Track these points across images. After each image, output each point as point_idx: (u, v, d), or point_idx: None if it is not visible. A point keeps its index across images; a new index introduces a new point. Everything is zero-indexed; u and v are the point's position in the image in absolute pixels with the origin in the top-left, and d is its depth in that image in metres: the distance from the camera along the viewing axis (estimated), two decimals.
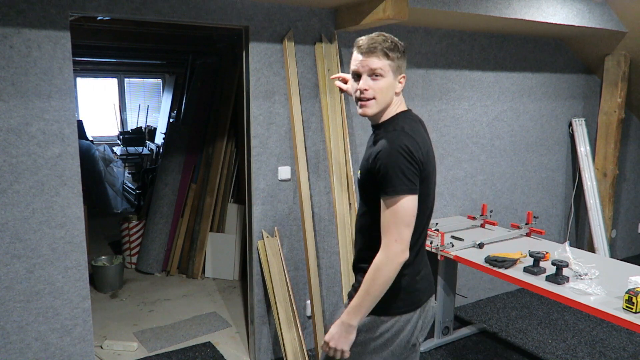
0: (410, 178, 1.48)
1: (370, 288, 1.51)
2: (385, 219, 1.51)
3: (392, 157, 1.49)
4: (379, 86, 1.56)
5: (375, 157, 1.53)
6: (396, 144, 1.50)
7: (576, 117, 4.38)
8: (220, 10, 2.63)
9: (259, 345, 3.07)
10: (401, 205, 1.48)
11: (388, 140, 1.52)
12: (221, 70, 4.67)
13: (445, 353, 3.24)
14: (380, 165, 1.50)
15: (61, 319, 2.44)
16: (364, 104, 1.59)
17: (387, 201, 1.49)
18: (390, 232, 1.49)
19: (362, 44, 1.56)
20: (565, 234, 4.57)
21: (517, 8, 3.06)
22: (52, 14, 2.24)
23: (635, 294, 2.05)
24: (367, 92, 1.56)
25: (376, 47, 1.54)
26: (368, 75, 1.56)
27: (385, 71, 1.55)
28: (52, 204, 2.34)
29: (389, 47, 1.55)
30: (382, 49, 1.54)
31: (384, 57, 1.54)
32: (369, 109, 1.59)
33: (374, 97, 1.57)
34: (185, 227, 4.54)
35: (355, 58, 1.59)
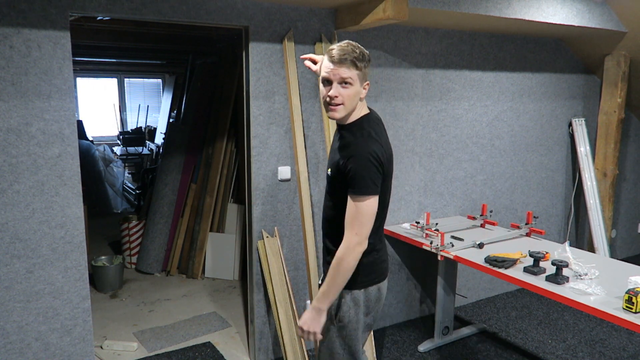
0: (375, 181, 1.72)
1: (335, 277, 1.76)
2: (350, 213, 1.74)
3: (362, 162, 1.72)
4: (347, 93, 1.75)
5: (347, 160, 1.74)
6: (365, 150, 1.73)
7: (576, 117, 4.38)
8: (220, 10, 2.63)
9: (259, 345, 3.07)
10: (364, 204, 1.72)
11: (358, 145, 1.75)
12: (221, 70, 4.67)
13: (445, 353, 3.24)
14: (350, 168, 1.72)
15: (61, 319, 2.44)
16: (333, 109, 1.77)
17: (354, 198, 1.72)
18: (353, 225, 1.74)
19: (334, 54, 1.72)
20: (565, 234, 4.57)
21: (517, 8, 3.06)
22: (52, 14, 2.24)
23: (635, 294, 2.05)
24: (337, 98, 1.75)
25: (347, 57, 1.71)
26: (338, 83, 1.73)
27: (353, 80, 1.73)
28: (52, 204, 2.34)
29: (357, 58, 1.72)
30: (351, 60, 1.71)
31: (353, 67, 1.72)
32: (337, 113, 1.78)
33: (342, 102, 1.75)
34: (185, 227, 4.54)
35: (327, 66, 1.75)
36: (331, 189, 1.88)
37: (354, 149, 1.75)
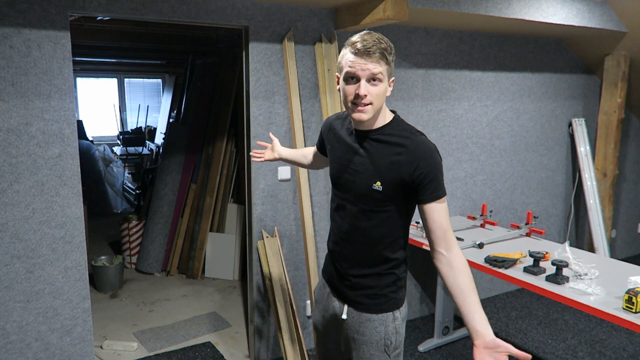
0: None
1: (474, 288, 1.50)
2: (440, 221, 1.52)
3: (435, 163, 1.53)
4: (377, 91, 1.50)
5: (415, 167, 1.51)
6: (432, 151, 1.54)
7: (576, 117, 4.38)
8: (220, 10, 2.63)
9: (259, 345, 3.07)
10: (446, 206, 1.55)
11: (421, 148, 1.53)
12: (221, 70, 4.67)
13: (445, 353, 3.24)
14: (425, 173, 1.50)
15: (61, 319, 2.44)
16: (361, 109, 1.51)
17: (438, 205, 1.52)
18: (450, 231, 1.53)
19: (360, 46, 1.46)
20: (565, 234, 4.57)
21: (517, 8, 3.06)
22: (52, 14, 2.24)
23: (635, 294, 2.05)
24: (365, 98, 1.49)
25: (375, 49, 1.46)
26: (367, 80, 1.48)
27: (383, 76, 1.50)
28: (52, 204, 2.34)
29: (386, 50, 1.48)
30: (381, 52, 1.47)
31: (382, 61, 1.48)
32: (366, 114, 1.52)
33: (371, 102, 1.51)
34: (185, 227, 4.54)
35: (350, 59, 1.49)
36: (378, 206, 1.59)
37: (417, 151, 1.53)
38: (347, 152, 1.66)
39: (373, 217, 1.61)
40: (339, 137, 1.72)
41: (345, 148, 1.67)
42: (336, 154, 1.71)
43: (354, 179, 1.62)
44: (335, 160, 1.71)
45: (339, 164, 1.69)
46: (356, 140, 1.63)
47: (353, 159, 1.63)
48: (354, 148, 1.64)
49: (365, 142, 1.61)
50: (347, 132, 1.69)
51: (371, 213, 1.61)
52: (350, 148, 1.65)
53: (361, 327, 1.66)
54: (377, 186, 1.56)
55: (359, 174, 1.61)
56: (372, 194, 1.58)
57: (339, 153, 1.70)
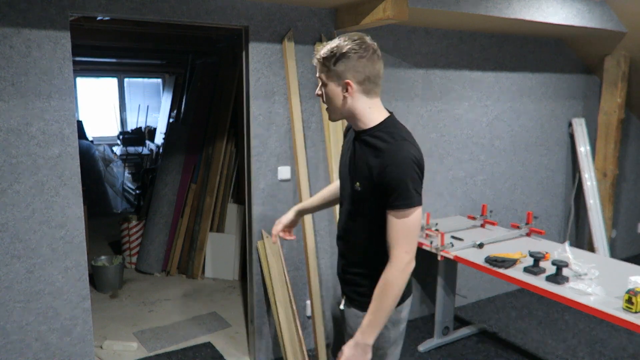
0: (419, 190, 1.51)
1: (384, 303, 1.51)
2: (395, 231, 1.50)
3: (403, 170, 1.48)
4: (325, 93, 1.59)
5: (383, 171, 1.49)
6: (405, 156, 1.49)
7: (576, 117, 4.38)
8: (220, 10, 2.63)
9: (259, 345, 3.07)
10: (412, 218, 1.49)
11: (395, 153, 1.50)
12: (221, 70, 4.67)
13: (445, 353, 3.24)
14: (390, 179, 1.48)
15: (61, 319, 2.44)
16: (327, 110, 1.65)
17: (398, 214, 1.49)
18: (401, 244, 1.50)
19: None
20: (565, 234, 4.57)
21: (517, 8, 3.06)
22: (52, 14, 2.24)
23: (635, 294, 2.05)
24: (321, 97, 1.62)
25: (316, 60, 1.59)
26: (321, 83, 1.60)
27: (324, 79, 1.57)
28: (52, 204, 2.34)
29: (325, 57, 1.55)
30: (318, 59, 1.57)
31: (320, 66, 1.57)
32: (330, 115, 1.65)
33: (326, 104, 1.62)
34: (185, 227, 4.54)
35: None
36: (358, 207, 1.62)
37: (389, 155, 1.50)
38: (346, 152, 1.72)
39: (357, 218, 1.64)
40: (348, 139, 1.76)
41: (346, 149, 1.73)
42: (341, 156, 1.78)
43: (345, 179, 1.68)
44: (340, 161, 1.78)
45: (341, 163, 1.75)
46: (354, 140, 1.66)
47: (346, 160, 1.69)
48: (349, 148, 1.69)
49: (357, 142, 1.63)
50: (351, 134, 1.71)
51: (356, 214, 1.64)
52: (348, 149, 1.71)
53: (350, 321, 1.71)
54: (357, 187, 1.59)
55: (348, 174, 1.66)
56: (354, 194, 1.62)
57: (343, 152, 1.76)
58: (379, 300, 1.51)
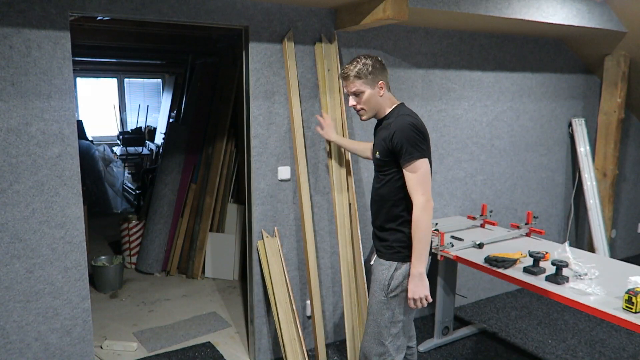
0: (421, 145, 2.01)
1: (421, 238, 2.00)
2: (410, 181, 2.02)
3: (405, 133, 2.01)
4: (363, 100, 2.15)
5: (391, 137, 2.03)
6: (405, 123, 2.02)
7: (576, 117, 4.38)
8: (220, 10, 2.63)
9: (259, 345, 3.07)
10: (419, 167, 2.01)
11: (398, 123, 2.04)
12: (221, 70, 4.67)
13: (445, 353, 3.24)
14: (396, 142, 2.01)
15: (61, 319, 2.44)
16: (359, 114, 2.21)
17: (409, 167, 2.01)
18: (417, 189, 2.01)
19: (341, 73, 2.18)
20: (565, 234, 4.57)
21: (517, 8, 3.06)
22: (52, 14, 2.24)
23: (635, 294, 2.05)
24: (356, 106, 2.18)
25: (349, 74, 2.12)
26: (352, 95, 2.16)
27: (362, 89, 2.13)
28: (52, 204, 2.34)
29: (359, 72, 2.10)
30: (354, 75, 2.11)
31: (357, 80, 2.12)
32: (363, 116, 2.21)
33: (362, 108, 2.17)
34: (185, 227, 4.54)
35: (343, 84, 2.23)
36: (381, 169, 2.16)
37: (394, 126, 2.04)
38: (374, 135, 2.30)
39: (381, 178, 2.17)
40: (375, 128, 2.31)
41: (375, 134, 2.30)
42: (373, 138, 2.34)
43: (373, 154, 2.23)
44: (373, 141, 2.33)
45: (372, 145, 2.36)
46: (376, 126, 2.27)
47: (374, 139, 2.27)
48: (376, 132, 2.27)
49: (379, 126, 2.24)
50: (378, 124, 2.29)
51: (379, 175, 2.19)
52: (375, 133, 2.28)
53: (376, 269, 2.20)
54: (377, 155, 2.16)
55: (374, 147, 2.23)
56: (377, 161, 2.18)
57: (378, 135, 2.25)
58: (414, 235, 2.01)
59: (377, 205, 2.20)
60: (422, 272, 2.01)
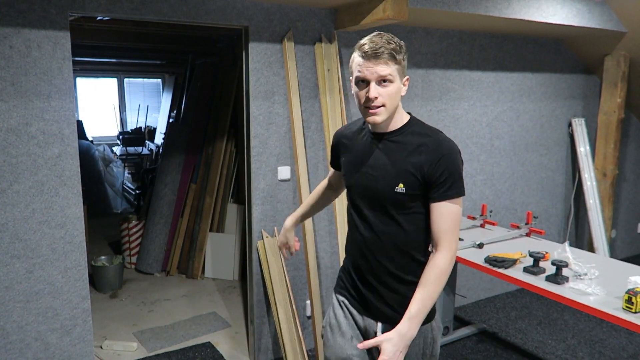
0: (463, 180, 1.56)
1: (437, 290, 1.50)
2: (446, 221, 1.51)
3: (456, 162, 1.52)
4: (388, 92, 1.50)
5: (436, 163, 1.49)
6: (453, 147, 1.53)
7: (576, 117, 4.38)
8: (220, 10, 2.63)
9: (259, 345, 3.07)
10: (459, 207, 1.53)
11: (444, 147, 1.52)
12: (221, 70, 4.67)
13: (445, 353, 3.24)
14: (444, 169, 1.49)
15: (61, 319, 2.44)
16: (373, 112, 1.51)
17: (449, 204, 1.51)
18: (452, 232, 1.52)
19: (367, 49, 1.47)
20: (565, 234, 4.57)
21: (517, 8, 3.06)
22: (52, 14, 2.24)
23: (634, 294, 2.05)
24: (378, 99, 1.49)
25: (383, 51, 1.46)
26: (376, 82, 1.48)
27: (394, 76, 1.49)
28: (52, 204, 2.34)
29: (395, 50, 1.47)
30: (389, 53, 1.46)
31: (391, 62, 1.48)
32: (379, 116, 1.52)
33: (384, 104, 1.50)
34: (185, 227, 4.54)
35: (360, 63, 1.49)
36: (404, 206, 1.56)
37: (439, 148, 1.51)
38: (366, 157, 1.63)
39: (400, 219, 1.58)
40: (353, 145, 1.69)
41: (363, 154, 1.64)
42: (354, 162, 1.66)
43: (376, 184, 1.58)
44: (353, 168, 1.66)
45: (357, 171, 1.64)
46: (375, 143, 1.61)
47: (373, 164, 1.60)
48: (372, 152, 1.61)
49: (383, 144, 1.59)
50: (363, 138, 1.66)
51: (398, 216, 1.57)
52: (368, 153, 1.62)
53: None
54: (400, 188, 1.54)
55: (381, 178, 1.57)
56: (396, 196, 1.55)
57: (356, 161, 1.65)
58: (433, 286, 1.48)
59: (390, 255, 1.60)
60: (414, 334, 1.48)
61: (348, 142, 1.72)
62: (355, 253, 1.68)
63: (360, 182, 1.63)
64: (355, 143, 1.68)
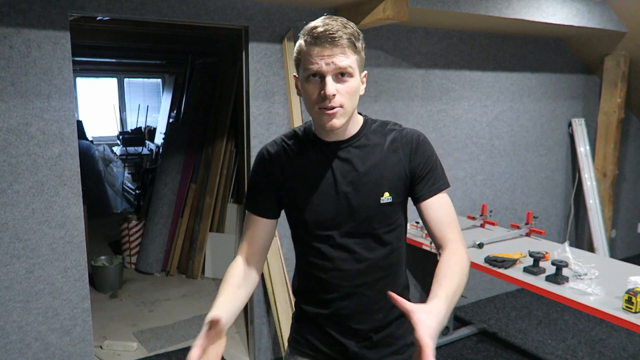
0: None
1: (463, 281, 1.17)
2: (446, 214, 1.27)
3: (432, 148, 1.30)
4: (348, 90, 1.18)
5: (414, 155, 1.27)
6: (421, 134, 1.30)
7: (576, 117, 4.38)
8: (220, 10, 2.63)
9: (259, 345, 3.07)
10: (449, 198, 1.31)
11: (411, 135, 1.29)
12: (221, 70, 4.67)
13: (445, 353, 3.24)
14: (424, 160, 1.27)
15: (61, 319, 2.44)
16: (331, 113, 1.18)
17: (442, 196, 1.28)
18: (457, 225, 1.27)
19: (320, 32, 1.16)
20: (565, 234, 4.57)
21: (517, 8, 3.06)
22: (52, 14, 2.24)
23: (634, 294, 2.05)
24: (335, 98, 1.17)
25: (341, 35, 1.15)
26: (333, 77, 1.17)
27: (353, 69, 1.18)
28: (52, 204, 2.34)
29: (354, 36, 1.18)
30: (348, 39, 1.16)
31: (350, 51, 1.17)
32: (338, 119, 1.19)
33: (342, 104, 1.18)
34: (185, 227, 4.54)
35: (311, 52, 1.17)
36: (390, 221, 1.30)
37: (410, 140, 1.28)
38: (327, 174, 1.28)
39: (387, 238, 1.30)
40: (299, 166, 1.31)
41: (321, 172, 1.28)
42: (313, 187, 1.29)
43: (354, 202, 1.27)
44: (315, 194, 1.29)
45: (322, 195, 1.28)
46: (332, 155, 1.28)
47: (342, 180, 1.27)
48: (334, 166, 1.27)
49: (347, 153, 1.27)
50: (310, 153, 1.30)
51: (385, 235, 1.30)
52: (328, 169, 1.28)
53: None
54: (386, 198, 1.27)
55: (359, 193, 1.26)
56: (383, 209, 1.27)
57: (315, 184, 1.29)
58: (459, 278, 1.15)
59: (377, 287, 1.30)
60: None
61: (288, 164, 1.31)
62: (332, 296, 1.32)
63: (329, 209, 1.28)
64: (301, 163, 1.31)
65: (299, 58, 1.22)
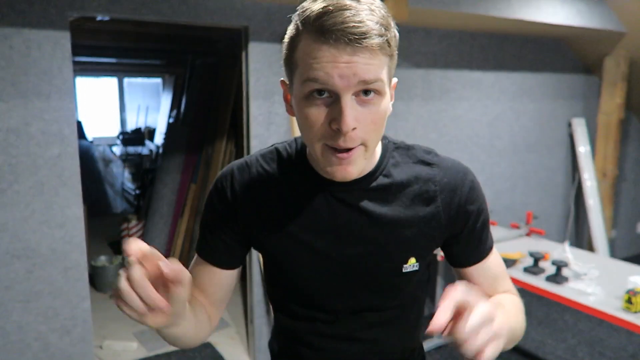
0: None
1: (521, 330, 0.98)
2: (496, 273, 1.00)
3: (482, 193, 0.96)
4: (375, 118, 0.77)
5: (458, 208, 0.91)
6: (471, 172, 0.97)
7: (576, 117, 4.38)
8: (219, 10, 2.63)
9: (259, 345, 3.07)
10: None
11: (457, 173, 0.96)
12: (221, 70, 4.67)
13: (445, 353, 3.24)
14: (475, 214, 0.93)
15: (61, 319, 2.44)
16: (345, 158, 0.77)
17: (492, 255, 0.99)
18: (506, 274, 1.04)
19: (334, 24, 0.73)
20: (565, 234, 4.57)
21: (517, 8, 3.06)
22: (52, 14, 2.24)
23: (634, 294, 2.05)
24: (354, 133, 0.75)
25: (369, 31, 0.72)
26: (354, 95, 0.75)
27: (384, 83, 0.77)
28: (52, 204, 2.34)
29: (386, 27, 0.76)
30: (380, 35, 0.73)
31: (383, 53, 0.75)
32: (355, 166, 0.79)
33: (363, 142, 0.77)
34: (185, 227, 4.54)
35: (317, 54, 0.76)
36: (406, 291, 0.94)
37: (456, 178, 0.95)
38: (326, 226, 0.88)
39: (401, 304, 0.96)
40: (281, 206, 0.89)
41: (315, 223, 0.88)
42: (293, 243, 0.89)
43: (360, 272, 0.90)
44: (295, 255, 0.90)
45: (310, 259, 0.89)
46: (335, 199, 0.87)
47: (346, 236, 0.88)
48: (336, 215, 0.87)
49: (358, 199, 0.87)
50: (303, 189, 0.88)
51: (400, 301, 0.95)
52: (327, 217, 0.87)
53: None
54: (411, 266, 0.90)
55: (371, 260, 0.89)
56: (404, 278, 0.91)
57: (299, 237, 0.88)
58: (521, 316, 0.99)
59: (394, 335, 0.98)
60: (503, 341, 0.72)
61: (263, 202, 0.90)
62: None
63: (326, 279, 0.90)
64: (284, 203, 0.89)
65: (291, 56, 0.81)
